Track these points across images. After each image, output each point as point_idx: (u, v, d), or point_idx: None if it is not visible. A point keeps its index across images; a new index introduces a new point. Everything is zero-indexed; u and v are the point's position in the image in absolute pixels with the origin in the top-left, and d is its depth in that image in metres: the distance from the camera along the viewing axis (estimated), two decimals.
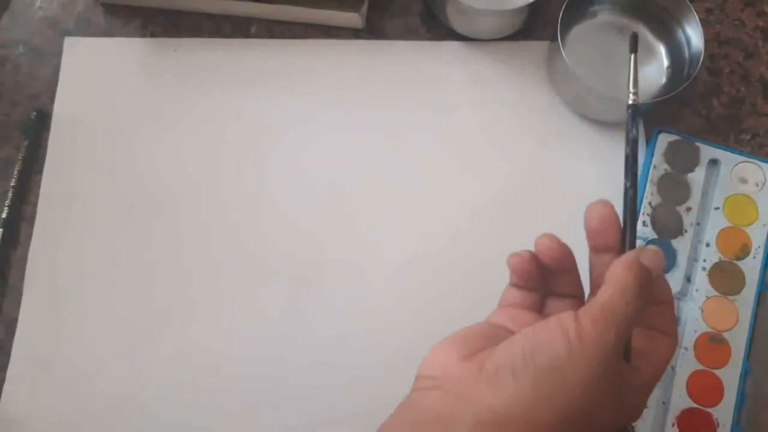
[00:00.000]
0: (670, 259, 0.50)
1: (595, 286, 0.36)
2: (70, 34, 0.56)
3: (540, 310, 0.38)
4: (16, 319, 0.49)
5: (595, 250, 0.36)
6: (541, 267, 0.36)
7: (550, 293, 0.38)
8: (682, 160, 0.52)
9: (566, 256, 0.36)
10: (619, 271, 0.32)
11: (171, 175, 0.53)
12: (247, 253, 0.51)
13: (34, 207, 0.52)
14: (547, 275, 0.37)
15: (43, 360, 0.49)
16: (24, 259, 0.51)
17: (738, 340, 0.48)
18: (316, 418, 0.48)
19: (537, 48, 0.56)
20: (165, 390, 0.48)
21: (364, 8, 0.55)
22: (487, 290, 0.51)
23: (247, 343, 0.49)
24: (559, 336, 0.30)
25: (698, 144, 0.52)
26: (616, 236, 0.36)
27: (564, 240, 0.37)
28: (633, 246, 0.36)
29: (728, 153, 0.53)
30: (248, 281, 0.50)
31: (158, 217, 0.52)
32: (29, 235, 0.51)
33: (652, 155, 0.52)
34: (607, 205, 0.35)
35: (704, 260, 0.50)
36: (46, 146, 0.53)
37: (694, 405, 0.47)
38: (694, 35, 0.53)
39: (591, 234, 0.36)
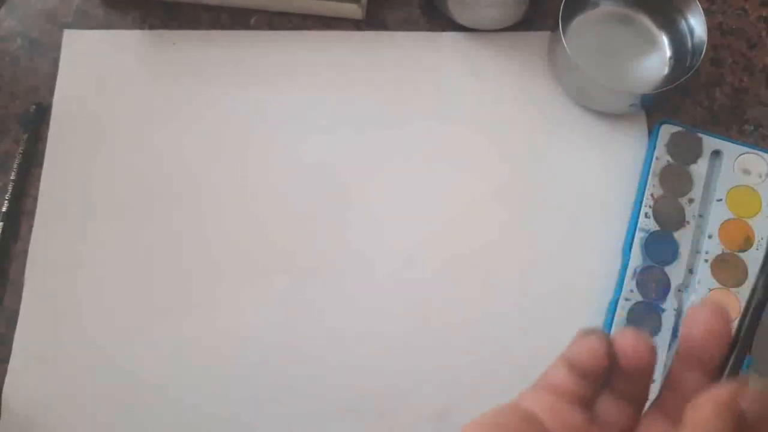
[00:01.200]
0: (672, 250, 0.50)
1: (668, 392, 0.29)
2: (69, 26, 0.56)
3: (589, 405, 0.29)
4: (17, 312, 0.49)
5: (683, 361, 0.28)
6: (614, 360, 0.28)
7: (606, 386, 0.29)
8: (684, 152, 0.52)
9: (651, 361, 0.28)
10: (707, 413, 0.24)
11: (171, 167, 0.53)
12: (248, 246, 0.51)
13: (34, 200, 0.52)
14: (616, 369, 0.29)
15: (44, 352, 0.49)
16: (25, 253, 0.51)
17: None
18: (319, 410, 0.48)
19: (538, 39, 0.56)
20: (165, 383, 0.48)
21: None
22: (488, 282, 0.51)
23: (249, 337, 0.49)
24: None
25: (701, 135, 0.52)
26: (720, 358, 0.27)
27: (560, 231, 0.36)
28: (736, 371, 0.27)
29: (731, 144, 0.52)
30: (250, 274, 0.50)
31: (158, 209, 0.52)
32: (30, 229, 0.51)
33: (655, 146, 0.52)
34: (723, 316, 0.26)
35: (707, 252, 0.50)
36: (45, 139, 0.53)
37: None
38: (696, 25, 0.52)
39: (687, 345, 0.27)
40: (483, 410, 0.50)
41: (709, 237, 0.50)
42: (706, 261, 0.50)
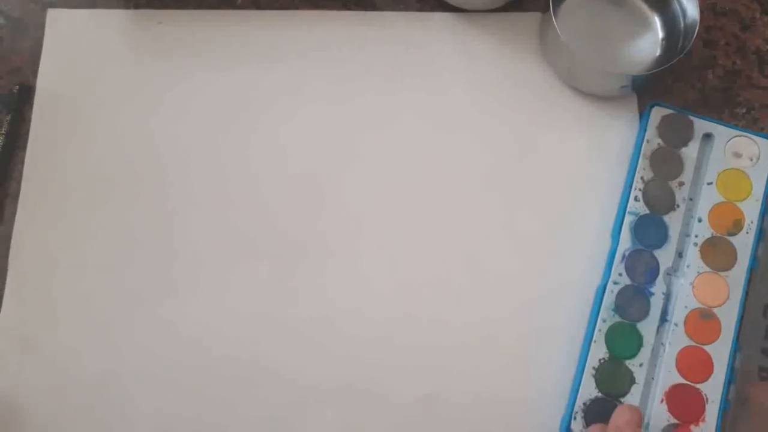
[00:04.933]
0: (661, 234, 0.50)
1: None
2: (53, 5, 0.55)
3: None
4: (1, 297, 0.49)
5: None
6: None
7: None
8: (675, 135, 0.51)
9: None
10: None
11: (157, 149, 0.52)
12: (233, 230, 0.51)
13: (18, 183, 0.51)
14: None
15: (30, 337, 0.48)
16: (8, 237, 0.50)
17: (728, 317, 0.48)
18: (305, 395, 0.48)
19: (529, 19, 0.55)
20: (150, 369, 0.48)
21: None
22: (474, 266, 0.51)
23: (232, 323, 0.49)
24: None
25: (692, 118, 0.52)
26: None
27: (549, 214, 0.36)
28: None
29: (722, 127, 0.52)
30: (233, 259, 0.50)
31: (144, 192, 0.51)
32: (13, 212, 0.50)
33: (645, 129, 0.51)
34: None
35: (696, 236, 0.50)
36: (29, 121, 0.52)
37: (683, 381, 0.47)
38: (689, 6, 0.51)
39: None
40: (468, 396, 0.50)
41: (699, 220, 0.50)
42: (696, 244, 0.50)
